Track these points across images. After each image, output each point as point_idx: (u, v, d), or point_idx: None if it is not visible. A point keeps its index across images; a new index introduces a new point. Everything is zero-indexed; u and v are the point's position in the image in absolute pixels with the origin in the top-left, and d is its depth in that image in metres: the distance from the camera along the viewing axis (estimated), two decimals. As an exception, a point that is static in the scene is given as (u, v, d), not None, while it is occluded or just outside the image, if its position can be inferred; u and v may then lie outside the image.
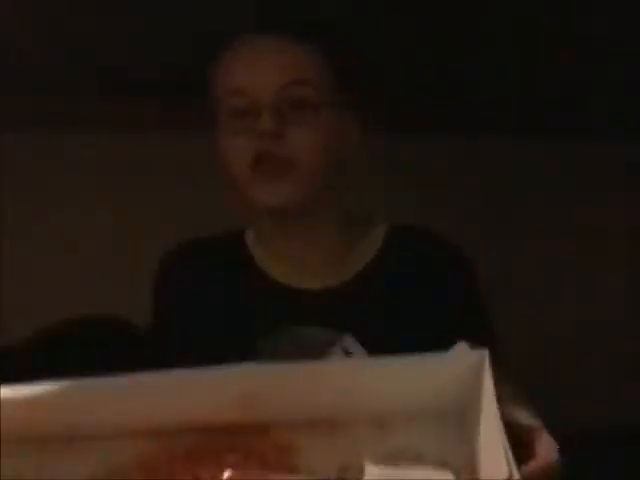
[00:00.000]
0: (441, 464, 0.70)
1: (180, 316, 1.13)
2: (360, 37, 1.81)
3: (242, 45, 1.06)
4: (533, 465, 0.76)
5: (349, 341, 1.03)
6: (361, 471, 0.69)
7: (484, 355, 0.71)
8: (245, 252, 1.13)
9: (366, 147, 1.12)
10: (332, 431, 0.72)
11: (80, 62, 1.96)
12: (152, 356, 1.14)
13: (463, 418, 0.72)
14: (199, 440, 0.71)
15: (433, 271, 1.07)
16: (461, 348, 0.76)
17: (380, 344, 1.02)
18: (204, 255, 1.15)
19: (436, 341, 0.73)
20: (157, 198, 2.22)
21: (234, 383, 0.70)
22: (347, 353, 1.03)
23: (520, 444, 0.73)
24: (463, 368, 0.71)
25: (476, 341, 0.92)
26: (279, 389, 0.70)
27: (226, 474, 0.68)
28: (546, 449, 0.77)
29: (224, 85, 1.05)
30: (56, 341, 1.76)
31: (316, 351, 1.04)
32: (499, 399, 0.71)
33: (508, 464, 0.65)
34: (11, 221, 2.13)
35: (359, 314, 1.05)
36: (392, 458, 0.71)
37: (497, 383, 0.75)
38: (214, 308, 1.10)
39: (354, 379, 0.71)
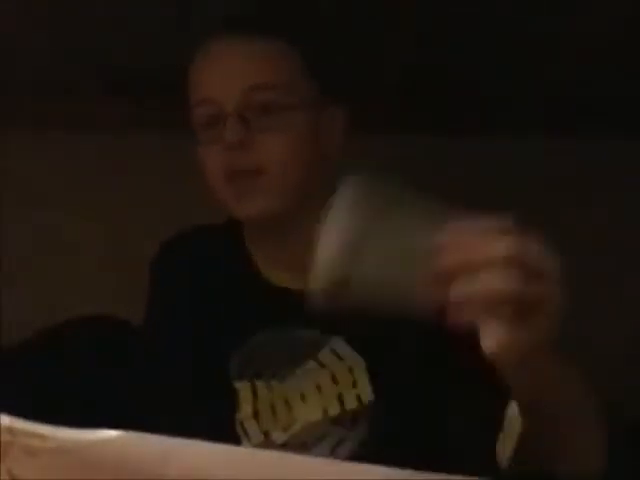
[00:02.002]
0: None
1: (168, 313, 1.12)
2: (359, 37, 1.82)
3: (209, 49, 1.02)
4: None
5: (337, 342, 1.03)
6: None
7: None
8: (241, 246, 1.12)
9: (362, 146, 1.11)
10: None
11: (80, 62, 1.96)
12: (149, 356, 1.14)
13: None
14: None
15: None
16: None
17: (368, 343, 1.02)
18: (199, 249, 1.15)
19: (426, 344, 0.72)
20: (157, 198, 2.21)
21: None
22: (334, 353, 1.02)
23: None
24: None
25: None
26: None
27: None
28: None
29: (192, 95, 1.03)
30: (56, 341, 1.76)
31: (304, 352, 1.03)
32: None
33: None
34: (11, 221, 2.13)
35: (347, 314, 1.04)
36: None
37: None
38: (202, 305, 1.10)
39: None
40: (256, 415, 1.03)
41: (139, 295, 1.18)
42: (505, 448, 0.93)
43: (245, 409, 1.03)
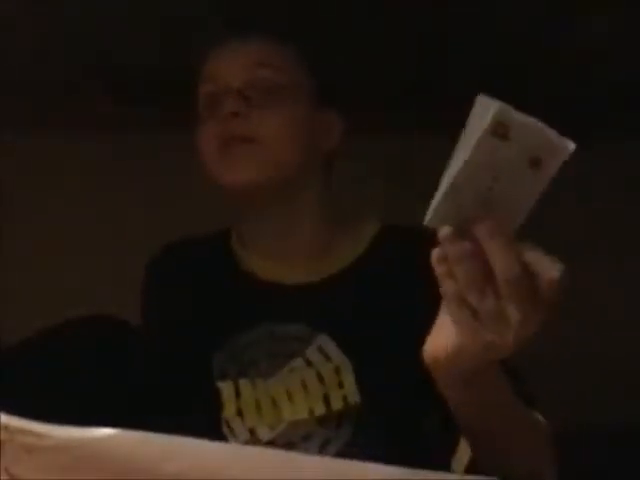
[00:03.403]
0: None
1: (164, 315, 1.13)
2: (359, 37, 1.82)
3: (218, 48, 1.08)
4: None
5: (324, 340, 1.03)
6: None
7: None
8: (228, 249, 1.13)
9: (363, 149, 1.12)
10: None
11: (80, 62, 1.96)
12: (149, 356, 1.15)
13: None
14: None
15: (416, 274, 1.01)
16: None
17: (356, 344, 1.02)
18: (188, 255, 1.16)
19: (415, 345, 0.71)
20: (156, 198, 2.22)
21: None
22: (321, 352, 1.02)
23: None
24: None
25: None
26: None
27: None
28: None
29: (200, 75, 1.07)
30: (56, 341, 1.76)
31: (291, 349, 1.03)
32: None
33: None
34: (11, 220, 2.13)
35: (336, 313, 1.04)
36: None
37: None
38: (195, 305, 1.11)
39: None
40: (240, 413, 1.03)
41: (139, 295, 1.18)
42: (457, 466, 0.94)
43: (229, 408, 1.03)
